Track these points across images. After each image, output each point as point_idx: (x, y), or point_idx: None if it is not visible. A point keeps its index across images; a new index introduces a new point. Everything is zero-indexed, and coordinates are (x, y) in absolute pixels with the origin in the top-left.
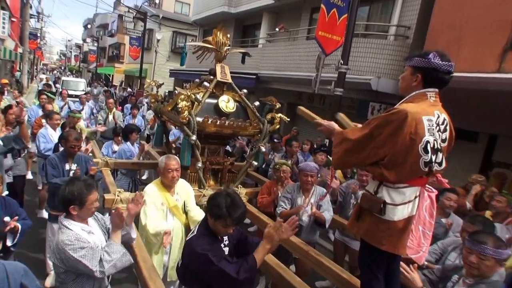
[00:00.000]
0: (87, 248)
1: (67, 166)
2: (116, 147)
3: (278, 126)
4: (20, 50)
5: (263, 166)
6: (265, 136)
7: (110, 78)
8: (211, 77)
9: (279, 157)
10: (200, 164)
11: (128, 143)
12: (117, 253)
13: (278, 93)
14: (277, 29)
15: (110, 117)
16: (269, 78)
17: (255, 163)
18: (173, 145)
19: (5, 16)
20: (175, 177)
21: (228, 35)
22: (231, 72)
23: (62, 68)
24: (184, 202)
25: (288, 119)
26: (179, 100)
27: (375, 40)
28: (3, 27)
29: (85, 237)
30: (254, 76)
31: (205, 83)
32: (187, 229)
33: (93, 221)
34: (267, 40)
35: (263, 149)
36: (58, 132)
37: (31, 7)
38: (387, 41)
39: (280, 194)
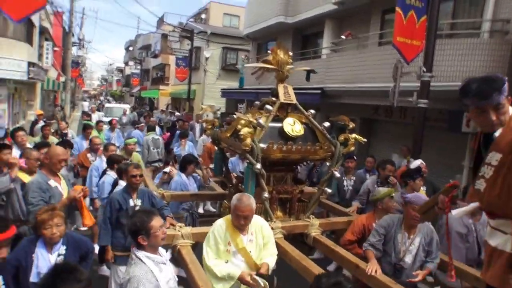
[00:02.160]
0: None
1: (131, 202)
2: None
3: (353, 148)
4: (62, 79)
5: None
6: (339, 160)
7: (155, 102)
8: (273, 98)
9: (372, 183)
10: (266, 195)
11: (183, 174)
12: None
13: (349, 109)
14: (343, 37)
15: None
16: (337, 92)
17: (329, 190)
18: (234, 174)
19: (48, 46)
20: (244, 224)
21: (290, 53)
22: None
23: (103, 93)
24: (259, 244)
25: (365, 140)
26: (240, 126)
27: (465, 40)
28: (47, 58)
29: (156, 274)
30: (319, 91)
31: (268, 106)
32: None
33: (163, 251)
34: (332, 50)
35: (337, 174)
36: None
37: (73, 35)
38: (480, 40)
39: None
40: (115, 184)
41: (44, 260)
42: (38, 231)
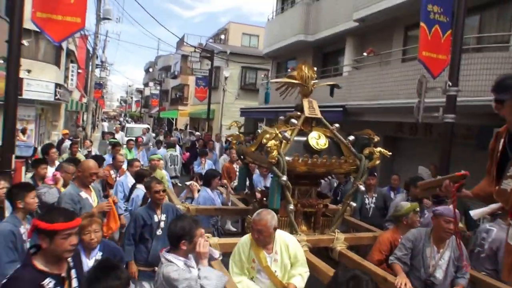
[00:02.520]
0: (190, 279)
1: (155, 218)
2: None
3: (378, 162)
4: (84, 100)
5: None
6: (363, 174)
7: (174, 122)
8: (298, 113)
9: (399, 199)
10: (291, 207)
11: (208, 189)
12: (213, 275)
13: (372, 126)
14: (365, 54)
15: None
16: (359, 109)
17: (354, 204)
18: (258, 189)
19: (73, 68)
20: (258, 239)
21: (315, 68)
22: None
23: (122, 114)
24: (285, 264)
25: (390, 153)
26: (265, 140)
27: (492, 54)
28: (72, 79)
29: (187, 273)
30: (341, 109)
31: (293, 120)
32: None
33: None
34: (354, 67)
35: (362, 188)
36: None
37: (97, 57)
38: (509, 53)
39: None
40: (145, 197)
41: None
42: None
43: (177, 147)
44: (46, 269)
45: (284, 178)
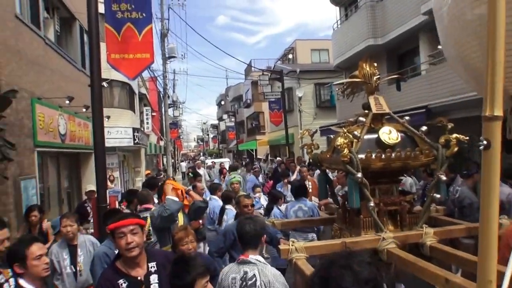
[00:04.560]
0: None
1: None
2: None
3: (456, 149)
4: (161, 143)
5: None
6: (443, 163)
7: (254, 153)
8: (366, 111)
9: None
10: (372, 204)
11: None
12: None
13: (461, 124)
14: (439, 47)
15: None
16: (445, 107)
17: (438, 196)
18: (339, 194)
19: (147, 112)
20: None
21: (375, 64)
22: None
23: (201, 154)
24: None
25: (467, 138)
26: (336, 140)
27: None
28: (147, 123)
29: None
30: (423, 110)
31: (361, 118)
32: None
33: None
34: (431, 64)
35: (444, 177)
36: None
37: (168, 97)
38: None
39: None
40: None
41: None
42: (176, 248)
43: (260, 176)
44: (124, 270)
45: (359, 175)
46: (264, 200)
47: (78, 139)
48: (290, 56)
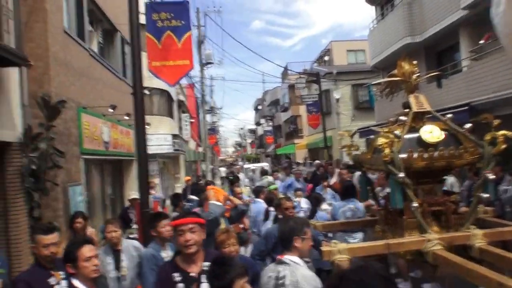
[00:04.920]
0: None
1: None
2: None
3: (503, 146)
4: (200, 149)
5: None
6: (490, 161)
7: (291, 158)
8: (406, 110)
9: None
10: (415, 204)
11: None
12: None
13: (509, 121)
14: (481, 42)
15: None
16: (489, 104)
17: (485, 195)
18: (380, 195)
19: (186, 118)
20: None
21: (415, 62)
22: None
23: (239, 159)
24: None
25: None
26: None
27: None
28: (186, 129)
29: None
30: (466, 107)
31: (401, 117)
32: None
33: None
34: (473, 59)
35: (491, 176)
36: None
37: (206, 102)
38: None
39: None
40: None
41: None
42: (219, 249)
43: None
44: (181, 266)
45: (401, 174)
46: (304, 204)
47: (120, 147)
48: (326, 58)
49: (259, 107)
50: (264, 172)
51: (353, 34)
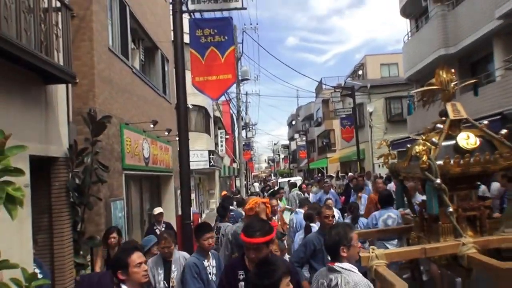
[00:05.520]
0: None
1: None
2: None
3: None
4: (235, 165)
5: None
6: None
7: (324, 171)
8: (443, 118)
9: None
10: (450, 209)
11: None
12: None
13: None
14: None
15: None
16: None
17: None
18: (416, 202)
19: (222, 135)
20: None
21: (453, 70)
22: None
23: (272, 174)
24: None
25: None
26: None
27: None
28: (221, 145)
29: None
30: (499, 116)
31: (438, 125)
32: None
33: None
34: (507, 69)
35: None
36: None
37: (242, 118)
38: None
39: None
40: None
41: None
42: None
43: (331, 192)
44: (247, 264)
45: (438, 181)
46: (335, 213)
47: (159, 162)
48: (360, 72)
49: (293, 123)
50: (292, 185)
51: (386, 48)
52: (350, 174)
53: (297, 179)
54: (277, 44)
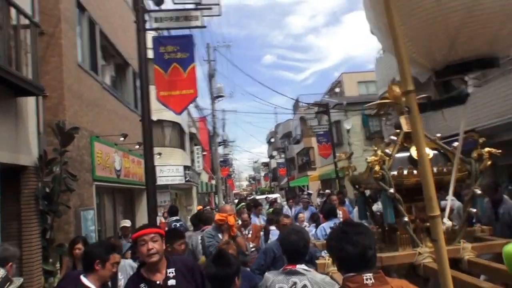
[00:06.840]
0: None
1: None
2: None
3: (489, 163)
4: (213, 181)
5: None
6: (477, 177)
7: (306, 189)
8: (397, 130)
9: None
10: (405, 219)
11: None
12: None
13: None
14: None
15: None
16: (492, 129)
17: (474, 210)
18: (378, 213)
19: (198, 151)
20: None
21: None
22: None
23: (253, 192)
24: None
25: (500, 151)
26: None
27: None
28: (198, 161)
29: None
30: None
31: (392, 137)
32: None
33: None
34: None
35: (478, 191)
36: None
37: (218, 135)
38: None
39: None
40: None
41: None
42: None
43: (310, 208)
44: (146, 276)
45: (391, 190)
46: (312, 228)
47: (132, 175)
48: (337, 89)
49: (272, 140)
50: (271, 203)
51: (365, 67)
52: (327, 191)
53: (277, 196)
54: (255, 62)
